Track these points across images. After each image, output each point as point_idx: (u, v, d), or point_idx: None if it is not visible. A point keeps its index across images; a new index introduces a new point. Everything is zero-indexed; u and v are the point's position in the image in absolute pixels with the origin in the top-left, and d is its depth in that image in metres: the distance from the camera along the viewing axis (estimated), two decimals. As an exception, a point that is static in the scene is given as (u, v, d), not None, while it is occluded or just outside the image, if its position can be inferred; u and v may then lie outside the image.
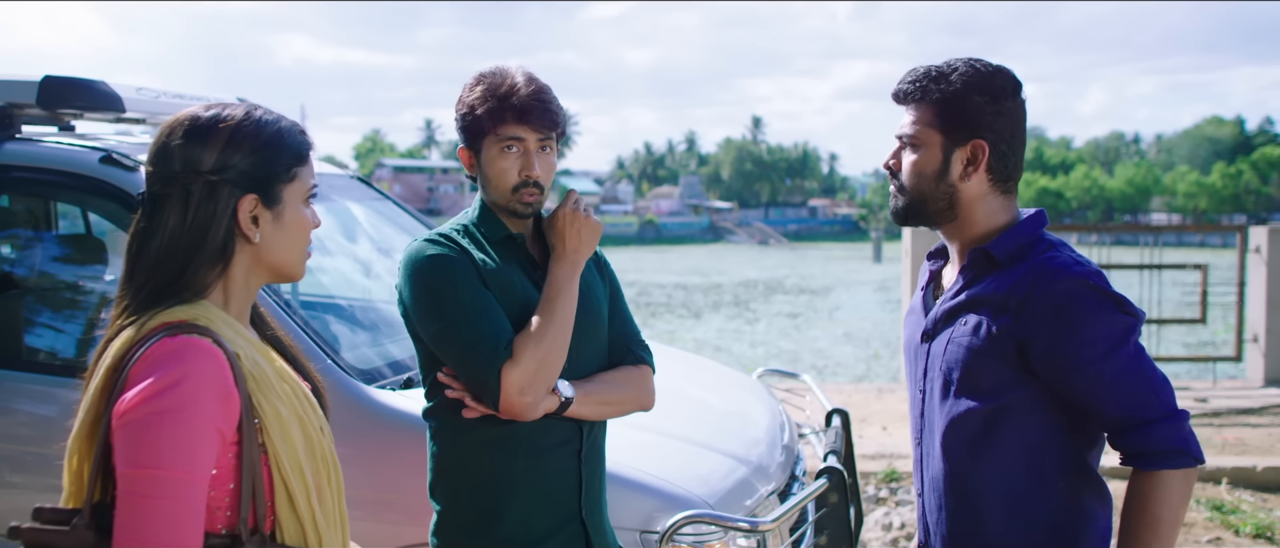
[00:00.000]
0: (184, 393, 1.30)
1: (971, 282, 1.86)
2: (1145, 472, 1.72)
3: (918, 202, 1.87)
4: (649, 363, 2.14)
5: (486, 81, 1.96)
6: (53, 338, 3.11)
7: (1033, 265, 1.77)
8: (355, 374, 2.63)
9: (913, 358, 1.99)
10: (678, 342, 16.35)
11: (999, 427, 1.81)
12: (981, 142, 1.82)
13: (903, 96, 1.88)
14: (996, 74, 1.83)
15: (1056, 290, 1.72)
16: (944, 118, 1.82)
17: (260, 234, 1.49)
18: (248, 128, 1.48)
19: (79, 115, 3.14)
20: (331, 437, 1.58)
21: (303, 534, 1.44)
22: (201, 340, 1.36)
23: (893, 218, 1.95)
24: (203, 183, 1.44)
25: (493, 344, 1.84)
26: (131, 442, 1.29)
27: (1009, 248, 1.83)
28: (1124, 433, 1.73)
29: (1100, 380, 1.71)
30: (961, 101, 1.81)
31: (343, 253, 3.73)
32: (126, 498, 1.28)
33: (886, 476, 5.88)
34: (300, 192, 1.53)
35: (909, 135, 1.87)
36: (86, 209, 3.48)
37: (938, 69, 1.84)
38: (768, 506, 2.70)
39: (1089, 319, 1.71)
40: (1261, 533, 4.95)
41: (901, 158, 1.89)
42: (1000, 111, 1.82)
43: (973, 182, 1.84)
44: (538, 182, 1.96)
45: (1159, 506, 1.70)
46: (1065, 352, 1.71)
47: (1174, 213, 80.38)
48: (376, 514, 2.41)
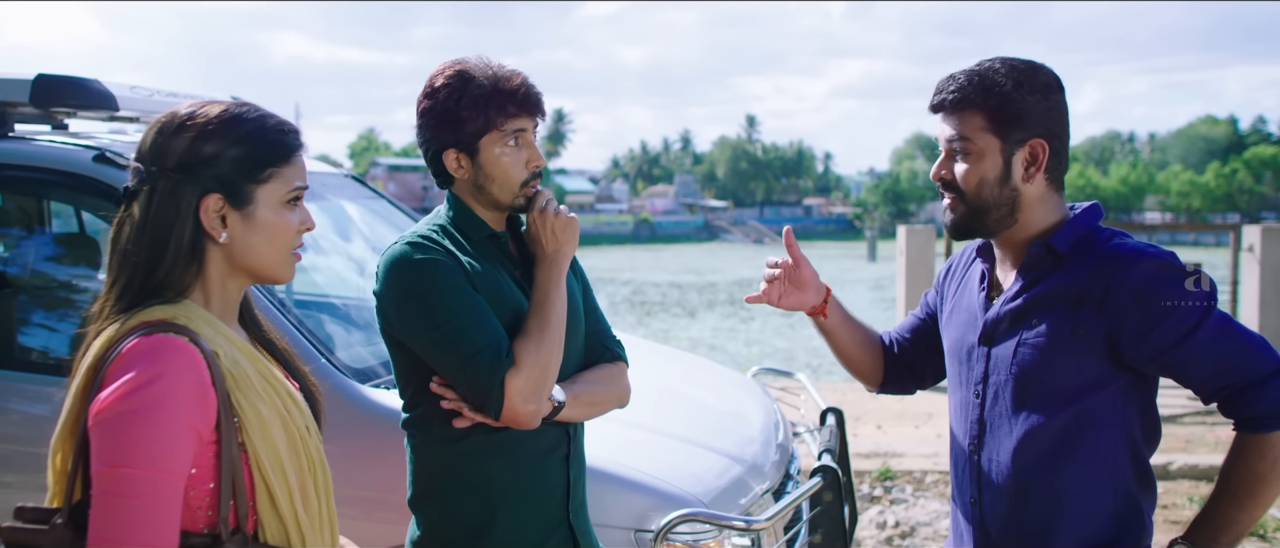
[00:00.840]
0: (157, 391, 1.30)
1: (1035, 280, 1.82)
2: (1250, 434, 1.69)
3: (980, 211, 1.81)
4: (624, 359, 2.13)
5: (476, 76, 1.87)
6: (46, 337, 3.10)
7: (1104, 255, 1.75)
8: (349, 373, 2.63)
9: (965, 361, 1.93)
10: (672, 341, 16.35)
11: (1080, 430, 1.78)
12: (1041, 141, 1.78)
13: (949, 105, 1.81)
14: (1040, 70, 1.80)
15: (1137, 275, 1.70)
16: (999, 122, 1.77)
17: (228, 235, 1.46)
18: (216, 126, 1.45)
19: (72, 114, 3.13)
20: (319, 437, 1.57)
21: (285, 534, 1.43)
22: (177, 339, 1.35)
23: (950, 232, 1.89)
24: (166, 180, 1.43)
25: (494, 353, 1.79)
26: (106, 440, 1.29)
27: (1069, 240, 1.80)
28: (1233, 400, 1.70)
29: (1197, 353, 1.69)
30: (1015, 102, 1.76)
31: (337, 252, 3.72)
32: (100, 497, 1.28)
33: (881, 474, 5.88)
34: (278, 193, 1.49)
35: (962, 143, 1.80)
36: (80, 208, 3.47)
37: (980, 73, 1.79)
38: (762, 504, 2.70)
39: (1174, 294, 1.69)
40: (1254, 530, 4.97)
41: (953, 168, 1.83)
42: (1052, 107, 1.79)
43: (1035, 183, 1.81)
44: (541, 171, 1.95)
45: (1266, 466, 1.67)
46: (1157, 333, 1.69)
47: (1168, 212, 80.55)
48: (371, 513, 2.40)
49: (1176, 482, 5.83)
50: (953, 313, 2.01)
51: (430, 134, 1.91)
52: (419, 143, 1.95)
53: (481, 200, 1.95)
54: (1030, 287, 1.82)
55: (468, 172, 1.92)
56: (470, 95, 1.86)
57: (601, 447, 2.33)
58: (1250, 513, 1.70)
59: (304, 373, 1.64)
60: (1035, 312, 1.80)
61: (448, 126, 1.88)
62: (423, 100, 1.91)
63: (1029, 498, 1.83)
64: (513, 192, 1.92)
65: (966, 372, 1.93)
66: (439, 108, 1.88)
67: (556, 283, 1.91)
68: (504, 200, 1.93)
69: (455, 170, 1.92)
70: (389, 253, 1.88)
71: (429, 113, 1.90)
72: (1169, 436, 6.60)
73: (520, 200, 1.94)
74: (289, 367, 1.63)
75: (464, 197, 1.95)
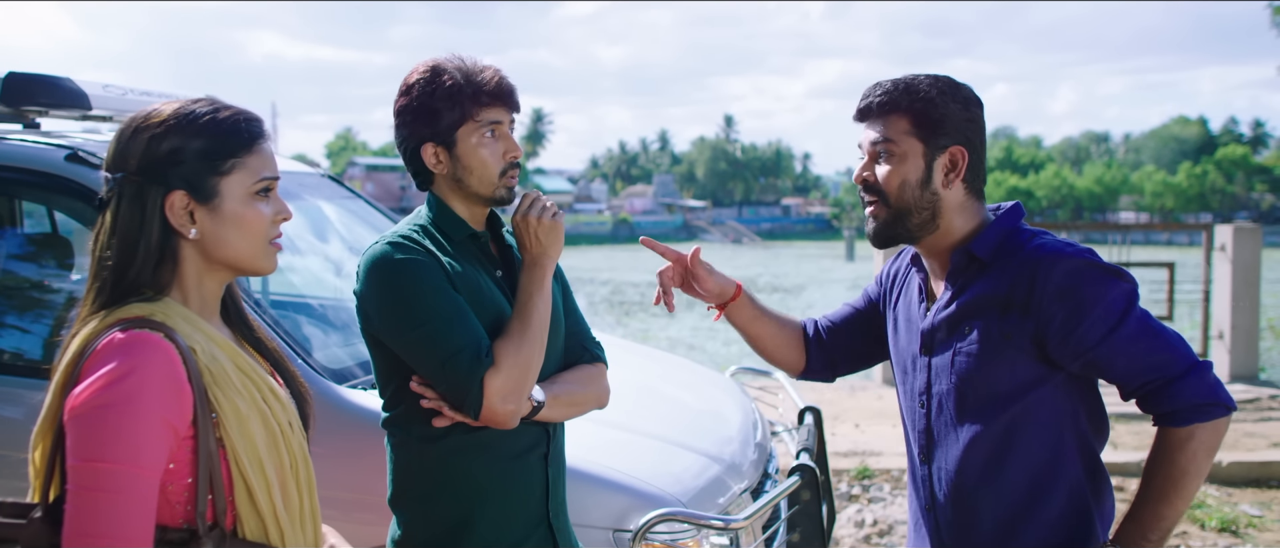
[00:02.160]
0: (130, 386, 1.31)
1: (963, 288, 1.86)
2: (1171, 428, 1.73)
3: (902, 214, 1.85)
4: (604, 360, 2.14)
5: (449, 70, 1.88)
6: (17, 338, 3.06)
7: (1026, 257, 1.78)
8: (326, 374, 2.61)
9: (909, 370, 1.97)
10: (651, 340, 16.35)
11: (1023, 430, 1.81)
12: (961, 148, 1.84)
13: (875, 109, 1.86)
14: (960, 86, 1.87)
15: (1058, 274, 1.74)
16: (923, 126, 1.83)
17: (197, 230, 1.47)
18: (172, 124, 1.45)
19: (44, 112, 3.09)
20: (303, 434, 1.58)
21: (264, 530, 1.44)
22: (152, 335, 1.36)
23: (872, 240, 1.92)
24: (130, 184, 1.44)
25: (474, 352, 1.79)
26: (80, 435, 1.30)
27: (990, 245, 1.84)
28: (1151, 396, 1.74)
29: (1118, 350, 1.73)
30: (939, 108, 1.82)
31: (313, 252, 3.69)
32: (75, 491, 1.30)
33: (859, 473, 5.91)
34: (244, 184, 1.49)
35: (886, 145, 1.85)
36: (52, 208, 3.43)
37: (905, 81, 1.86)
38: (741, 503, 2.71)
39: (1096, 294, 1.73)
40: (1227, 527, 5.02)
41: (876, 170, 1.87)
42: (971, 119, 1.85)
43: (954, 189, 1.85)
44: (518, 162, 1.95)
45: (1186, 460, 1.71)
46: (1080, 331, 1.73)
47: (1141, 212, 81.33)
48: (348, 514, 2.39)
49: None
50: (897, 324, 2.05)
51: (408, 131, 1.92)
52: (397, 142, 1.95)
53: (461, 195, 1.95)
54: (959, 294, 1.86)
55: (446, 166, 1.92)
56: (444, 89, 1.87)
57: (580, 446, 2.32)
58: (1176, 507, 1.74)
59: (293, 373, 1.65)
60: (966, 319, 1.84)
61: (424, 121, 1.89)
62: (399, 99, 1.92)
63: (981, 502, 1.86)
64: (492, 183, 1.92)
65: (911, 382, 1.97)
66: (415, 103, 1.89)
67: (540, 285, 1.91)
68: (483, 192, 1.93)
69: (434, 165, 1.92)
70: (370, 252, 1.88)
71: (406, 110, 1.91)
72: (1144, 432, 6.66)
73: (500, 192, 1.94)
74: (278, 367, 1.64)
75: (444, 195, 1.95)
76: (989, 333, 1.80)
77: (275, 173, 1.54)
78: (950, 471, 1.88)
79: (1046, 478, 1.82)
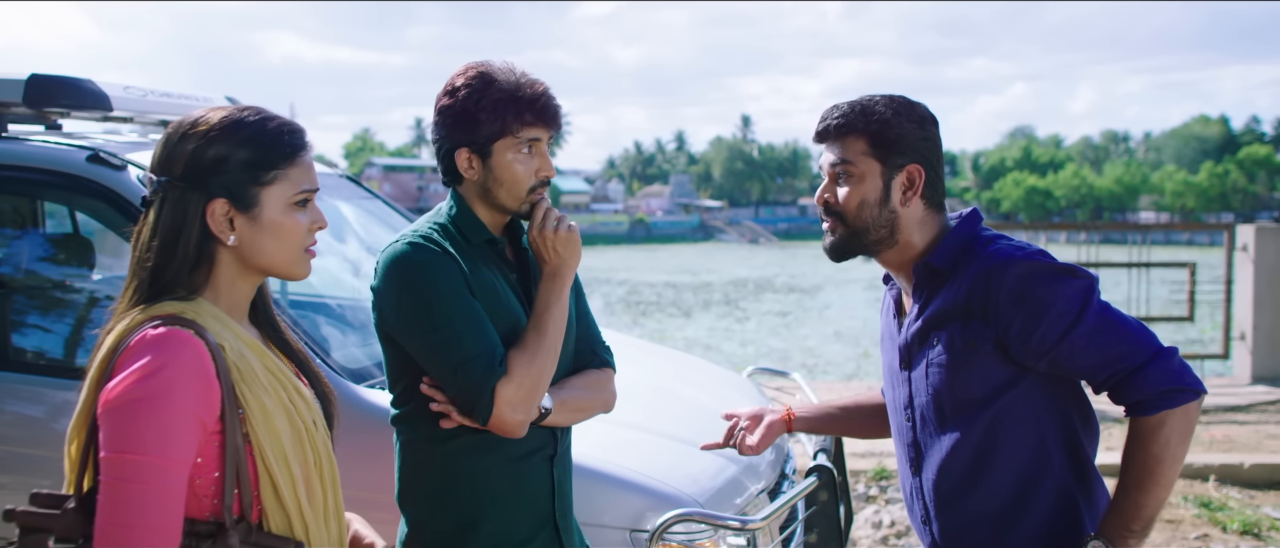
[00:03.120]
0: (162, 381, 1.35)
1: (927, 300, 1.90)
2: (1146, 417, 1.74)
3: (859, 231, 1.90)
4: (612, 365, 2.14)
5: (498, 80, 1.87)
6: (40, 338, 3.10)
7: (980, 264, 1.81)
8: (344, 374, 2.63)
9: (894, 384, 2.01)
10: (668, 341, 16.35)
11: (1003, 432, 1.83)
12: (918, 166, 1.88)
13: (833, 132, 1.91)
14: (916, 105, 1.92)
15: (1011, 279, 1.77)
16: (879, 146, 1.87)
17: (236, 237, 1.50)
18: (218, 132, 1.49)
19: (66, 114, 3.12)
20: (327, 432, 1.61)
21: (289, 524, 1.47)
22: (183, 332, 1.40)
23: (828, 254, 1.97)
24: (174, 188, 1.48)
25: (488, 360, 1.79)
26: (112, 428, 1.34)
27: (949, 255, 1.87)
28: (1119, 387, 1.75)
29: (1079, 347, 1.74)
30: (894, 128, 1.87)
31: (332, 252, 3.71)
32: (107, 482, 1.33)
33: (876, 474, 5.89)
34: (284, 194, 1.52)
35: (844, 167, 1.89)
36: (73, 208, 3.46)
37: (861, 103, 1.90)
38: (758, 504, 2.71)
39: (1049, 294, 1.75)
40: (1249, 530, 4.98)
41: (836, 191, 1.91)
42: (928, 137, 1.91)
43: (912, 206, 1.89)
44: (549, 180, 1.95)
45: (1159, 447, 1.72)
46: (1039, 332, 1.75)
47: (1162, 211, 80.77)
48: (365, 513, 2.38)
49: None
50: (882, 341, 2.10)
51: (445, 132, 1.92)
52: (433, 139, 1.96)
53: (486, 203, 1.95)
54: (925, 307, 1.90)
55: (478, 173, 1.92)
56: (490, 98, 1.87)
57: (597, 447, 2.33)
58: (1155, 496, 1.74)
59: (317, 373, 1.69)
60: (933, 330, 1.87)
61: (464, 127, 1.89)
62: (442, 98, 1.92)
63: (969, 507, 1.89)
64: (520, 198, 1.93)
65: (896, 395, 2.01)
66: (458, 107, 1.89)
67: (558, 297, 1.92)
68: (510, 205, 1.93)
69: (466, 171, 1.92)
70: (389, 250, 1.88)
71: (447, 111, 1.90)
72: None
73: (525, 207, 1.94)
74: (303, 367, 1.67)
75: (469, 197, 1.96)
76: (954, 342, 1.83)
77: (315, 184, 1.57)
78: (937, 480, 1.92)
79: (1031, 479, 1.84)
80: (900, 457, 2.03)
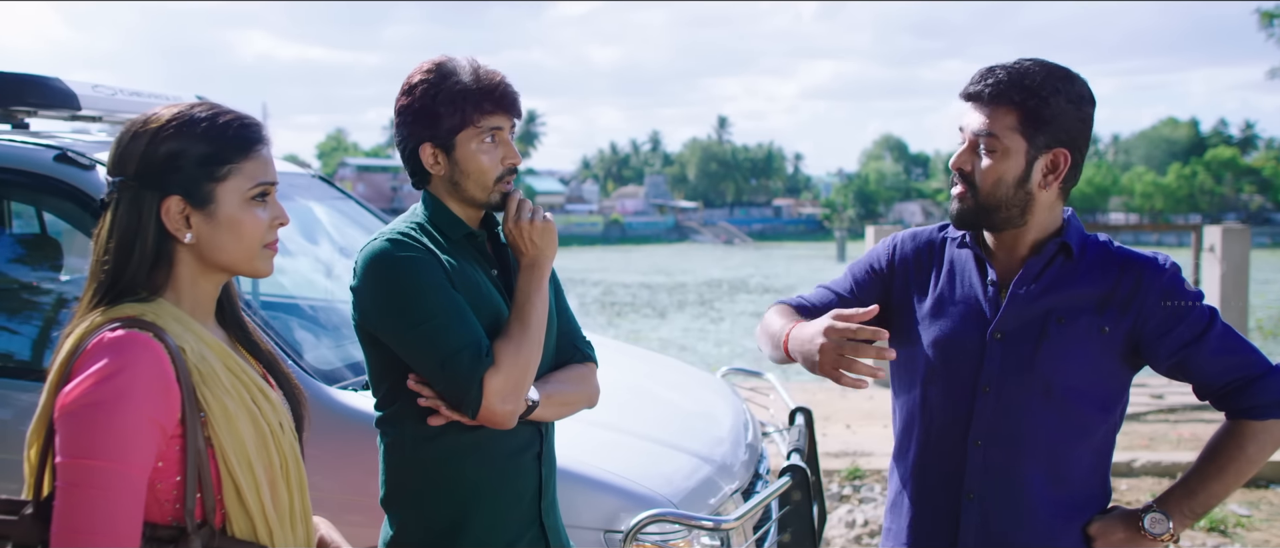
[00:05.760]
0: (118, 385, 1.33)
1: (1053, 278, 1.86)
2: (1249, 421, 1.83)
3: (990, 209, 1.83)
4: (594, 360, 2.14)
5: (454, 73, 1.88)
6: (6, 340, 3.05)
7: (1125, 260, 1.87)
8: (316, 375, 2.61)
9: (964, 355, 1.89)
10: (643, 341, 16.35)
11: (1094, 425, 1.88)
12: (1065, 150, 1.81)
13: (986, 97, 1.80)
14: (1076, 80, 1.81)
15: (1165, 279, 1.84)
16: (1030, 124, 1.77)
17: (193, 235, 1.48)
18: (170, 129, 1.46)
19: (33, 113, 3.08)
20: (294, 435, 1.59)
21: (253, 528, 1.45)
22: (141, 335, 1.38)
23: (954, 221, 1.90)
24: (128, 188, 1.46)
25: (474, 352, 1.79)
26: (69, 433, 1.32)
27: (1077, 243, 1.88)
28: (1234, 394, 1.84)
29: (1208, 351, 1.83)
30: (1050, 108, 1.76)
31: (304, 253, 3.69)
32: (63, 488, 1.31)
33: (850, 473, 5.92)
34: (240, 189, 1.50)
35: (989, 140, 1.79)
36: (41, 208, 3.42)
37: (1021, 72, 1.78)
38: (731, 504, 2.71)
39: (1191, 301, 1.84)
40: (1215, 527, 5.05)
41: (975, 162, 1.82)
42: (1083, 119, 1.81)
43: (1049, 190, 1.83)
44: (516, 168, 1.95)
45: (1255, 449, 1.83)
46: (1177, 332, 1.82)
47: (1131, 212, 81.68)
48: (337, 516, 2.37)
49: (1140, 479, 5.91)
50: (936, 308, 1.95)
51: (408, 131, 1.91)
52: (397, 141, 1.96)
53: (457, 197, 1.95)
54: (1050, 285, 1.86)
55: (443, 168, 1.92)
56: (448, 91, 1.87)
57: (571, 447, 2.33)
58: (1228, 487, 1.86)
59: (287, 375, 1.66)
60: (1059, 309, 1.85)
61: (424, 122, 1.89)
62: (401, 97, 1.92)
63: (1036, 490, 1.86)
64: (487, 188, 1.92)
65: (965, 366, 1.89)
66: (417, 104, 1.89)
67: (538, 286, 1.91)
68: (479, 197, 1.93)
69: (431, 167, 1.92)
70: (368, 248, 1.87)
71: (407, 110, 1.90)
72: (1132, 433, 6.69)
73: (495, 197, 1.94)
74: (272, 369, 1.65)
75: (440, 195, 1.95)
76: (1085, 327, 1.83)
77: (273, 178, 1.54)
78: (1012, 457, 1.86)
79: (1099, 481, 1.92)
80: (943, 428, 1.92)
